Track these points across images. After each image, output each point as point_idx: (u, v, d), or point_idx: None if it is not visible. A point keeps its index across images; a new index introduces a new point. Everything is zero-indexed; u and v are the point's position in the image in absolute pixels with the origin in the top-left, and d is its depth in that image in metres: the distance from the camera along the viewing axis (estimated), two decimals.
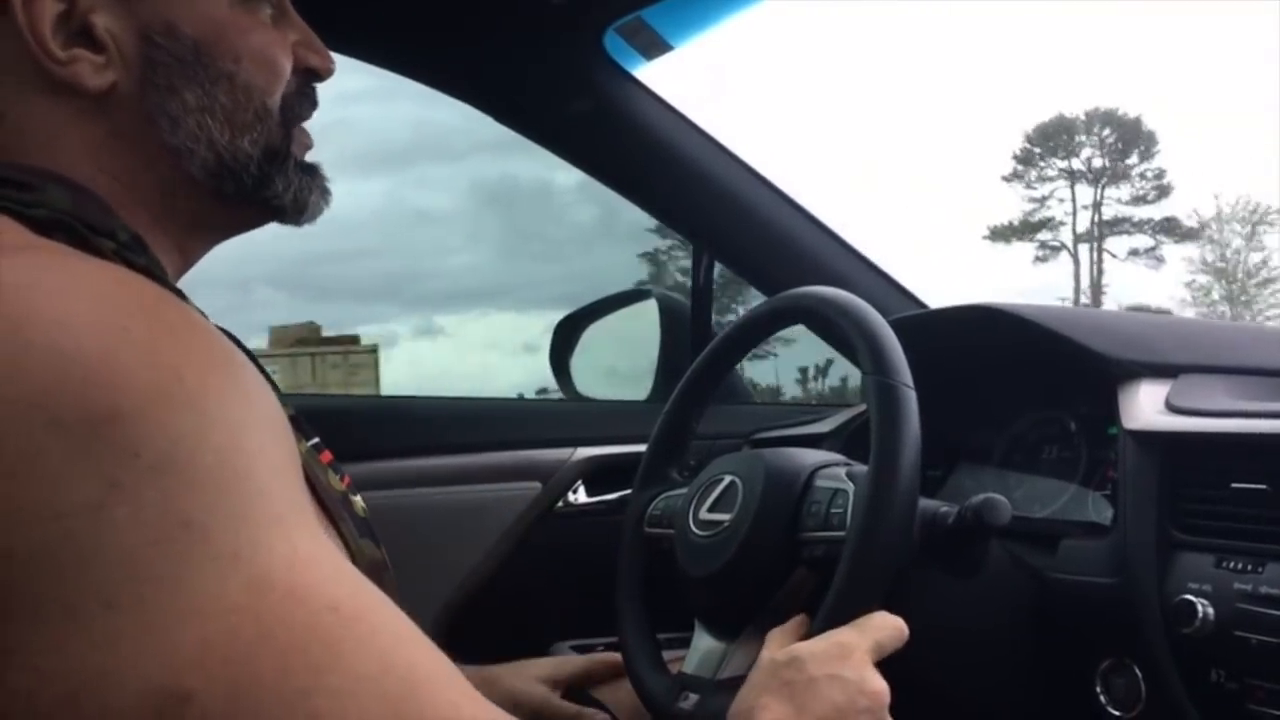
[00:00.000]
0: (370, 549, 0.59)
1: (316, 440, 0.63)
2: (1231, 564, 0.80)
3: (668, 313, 1.52)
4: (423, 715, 0.42)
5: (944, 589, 0.86)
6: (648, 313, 1.54)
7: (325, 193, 0.66)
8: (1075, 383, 1.02)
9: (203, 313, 0.61)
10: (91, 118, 0.56)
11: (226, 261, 0.71)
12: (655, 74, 1.32)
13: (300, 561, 0.42)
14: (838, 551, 0.74)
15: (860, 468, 0.80)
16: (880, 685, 0.68)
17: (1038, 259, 25.77)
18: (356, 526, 0.59)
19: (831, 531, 0.77)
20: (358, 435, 1.26)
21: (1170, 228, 25.75)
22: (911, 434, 0.74)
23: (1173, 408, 0.91)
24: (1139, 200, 26.37)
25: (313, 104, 0.65)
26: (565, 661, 0.99)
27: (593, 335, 1.60)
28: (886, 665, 0.72)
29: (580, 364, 1.58)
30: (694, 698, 0.80)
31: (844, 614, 0.71)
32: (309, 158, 0.66)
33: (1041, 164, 27.00)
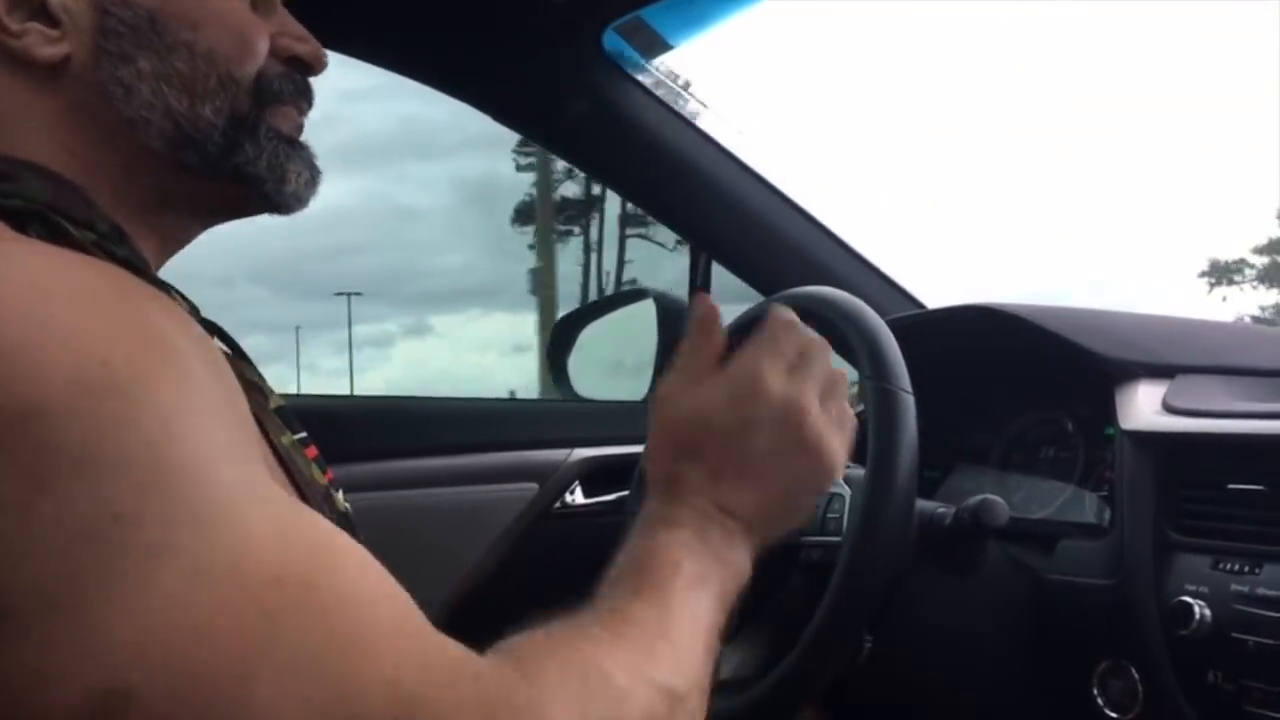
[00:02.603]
0: None
1: (304, 435, 0.62)
2: (1229, 565, 0.80)
3: (665, 312, 1.51)
4: (365, 683, 0.40)
5: (941, 590, 0.86)
6: (645, 312, 1.53)
7: (313, 170, 0.62)
8: (1072, 383, 1.02)
9: (190, 301, 0.60)
10: (48, 91, 0.55)
11: (209, 258, 0.69)
12: (655, 73, 1.32)
13: (241, 542, 0.40)
14: (834, 556, 0.74)
15: (857, 471, 0.80)
16: (808, 405, 0.59)
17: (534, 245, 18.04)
18: (337, 524, 0.58)
19: (828, 536, 0.77)
20: (354, 436, 1.26)
21: None
22: (909, 441, 0.74)
23: (1170, 408, 0.91)
24: None
25: (301, 92, 0.63)
26: None
27: (590, 335, 1.60)
28: (884, 666, 0.72)
29: (578, 364, 1.58)
30: None
31: (839, 619, 0.71)
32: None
33: None
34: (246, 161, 0.59)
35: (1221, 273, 20.63)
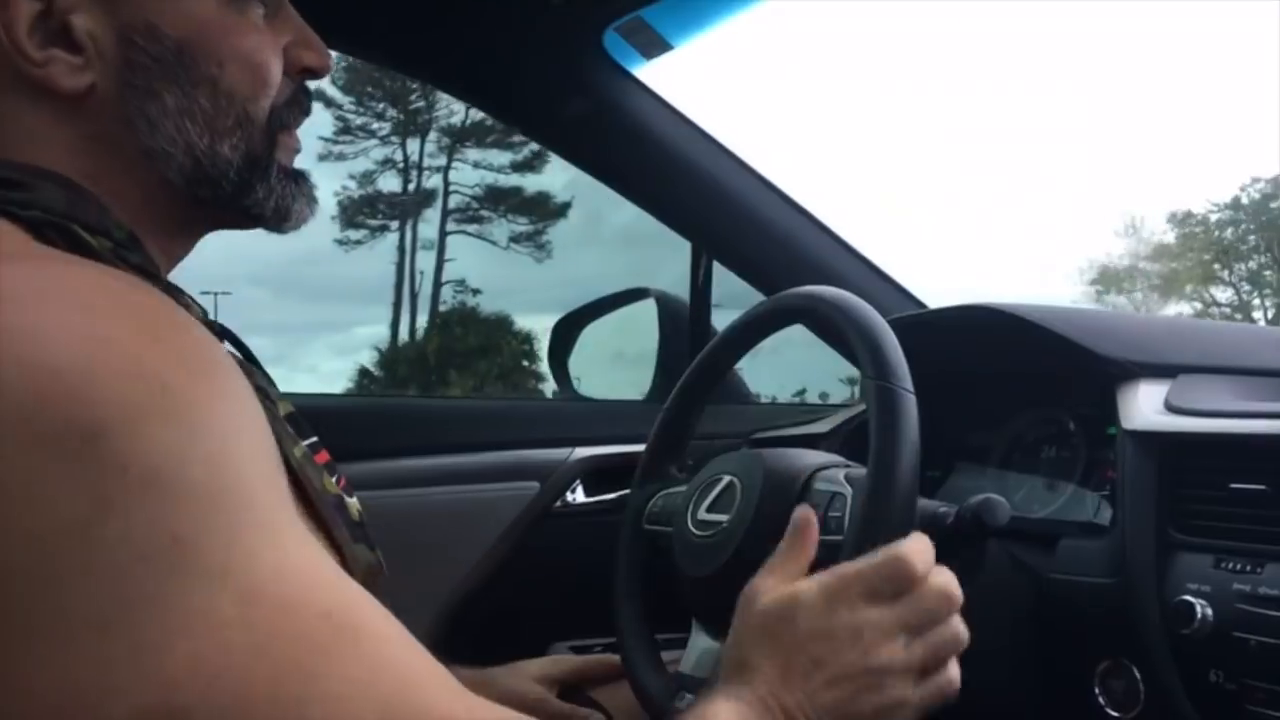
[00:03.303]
0: (365, 554, 0.58)
1: (314, 440, 0.63)
2: (1230, 564, 0.80)
3: (666, 312, 1.52)
4: (415, 716, 0.42)
5: None
6: (646, 312, 1.53)
7: (311, 200, 0.64)
8: (1074, 383, 1.02)
9: (200, 305, 0.61)
10: (70, 119, 0.55)
11: (210, 263, 0.70)
12: (655, 74, 1.33)
13: (290, 570, 0.41)
14: (835, 556, 0.74)
15: (859, 470, 0.80)
16: (882, 638, 0.61)
17: (351, 243, 15.47)
18: (350, 532, 0.58)
19: (830, 535, 0.77)
20: (356, 435, 1.26)
21: (533, 205, 15.74)
22: (910, 440, 0.74)
23: (1171, 408, 0.90)
24: (522, 168, 15.76)
25: (304, 111, 0.64)
26: (560, 660, 0.99)
27: (591, 334, 1.60)
28: None
29: (579, 363, 1.58)
30: (690, 697, 0.80)
31: None
32: (296, 163, 0.64)
33: (364, 115, 15.41)
34: (254, 204, 0.61)
35: (1111, 281, 19.52)
